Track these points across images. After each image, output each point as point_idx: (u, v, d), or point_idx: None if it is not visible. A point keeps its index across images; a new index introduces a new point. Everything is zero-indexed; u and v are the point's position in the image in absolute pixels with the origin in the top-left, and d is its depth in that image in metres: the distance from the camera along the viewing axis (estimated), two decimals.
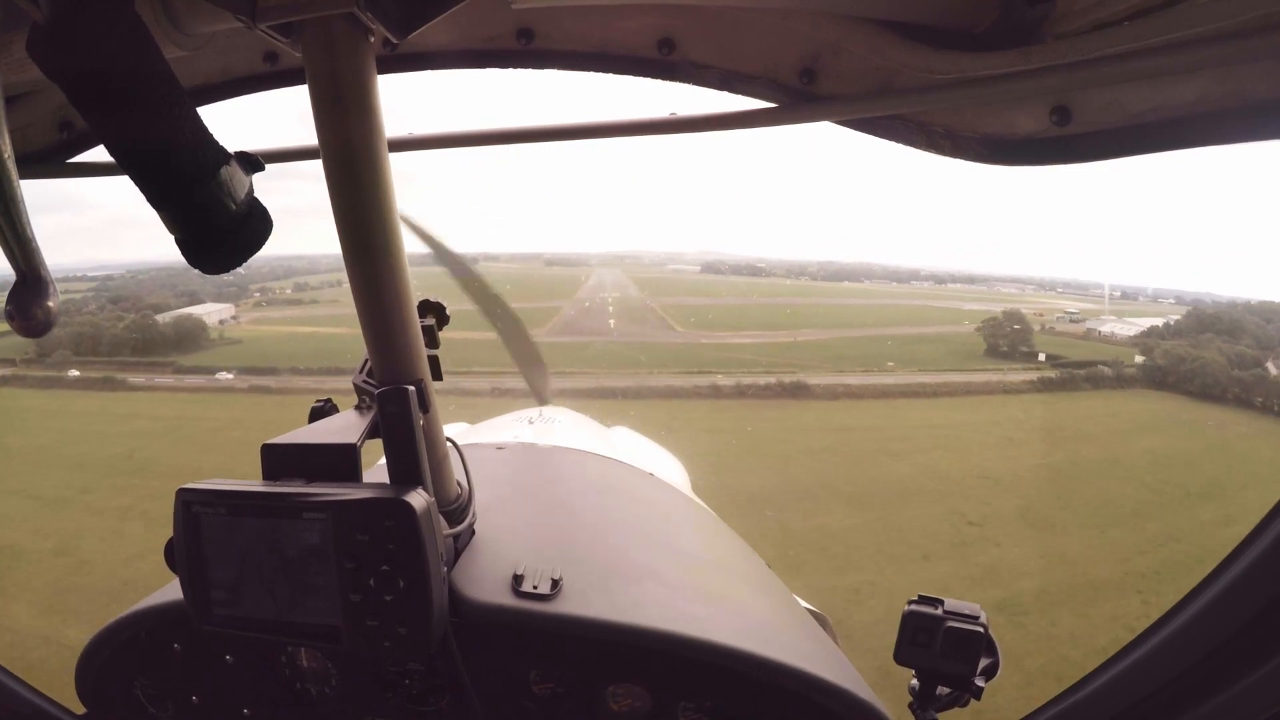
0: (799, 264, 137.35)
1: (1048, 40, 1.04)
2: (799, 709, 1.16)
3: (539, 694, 1.23)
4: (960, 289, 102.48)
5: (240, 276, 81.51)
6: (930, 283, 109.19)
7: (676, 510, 1.96)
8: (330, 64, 0.86)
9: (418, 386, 1.08)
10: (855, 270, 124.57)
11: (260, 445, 1.11)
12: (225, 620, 1.09)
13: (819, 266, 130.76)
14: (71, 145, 1.61)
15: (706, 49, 1.33)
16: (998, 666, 1.20)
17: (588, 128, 1.54)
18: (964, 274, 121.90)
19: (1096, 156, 1.13)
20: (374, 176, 0.93)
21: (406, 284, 1.04)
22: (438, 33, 1.31)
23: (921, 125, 1.27)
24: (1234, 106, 0.96)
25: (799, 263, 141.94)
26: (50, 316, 0.71)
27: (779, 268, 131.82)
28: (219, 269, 0.79)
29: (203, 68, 1.49)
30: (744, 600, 1.43)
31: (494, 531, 1.39)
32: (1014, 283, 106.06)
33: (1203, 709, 0.92)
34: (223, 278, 68.25)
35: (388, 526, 1.00)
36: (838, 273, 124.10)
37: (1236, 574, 0.92)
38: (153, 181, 0.74)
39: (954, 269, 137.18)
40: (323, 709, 1.32)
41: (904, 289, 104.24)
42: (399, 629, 1.02)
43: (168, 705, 1.42)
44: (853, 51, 1.23)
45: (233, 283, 78.92)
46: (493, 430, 2.96)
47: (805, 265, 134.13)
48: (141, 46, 0.69)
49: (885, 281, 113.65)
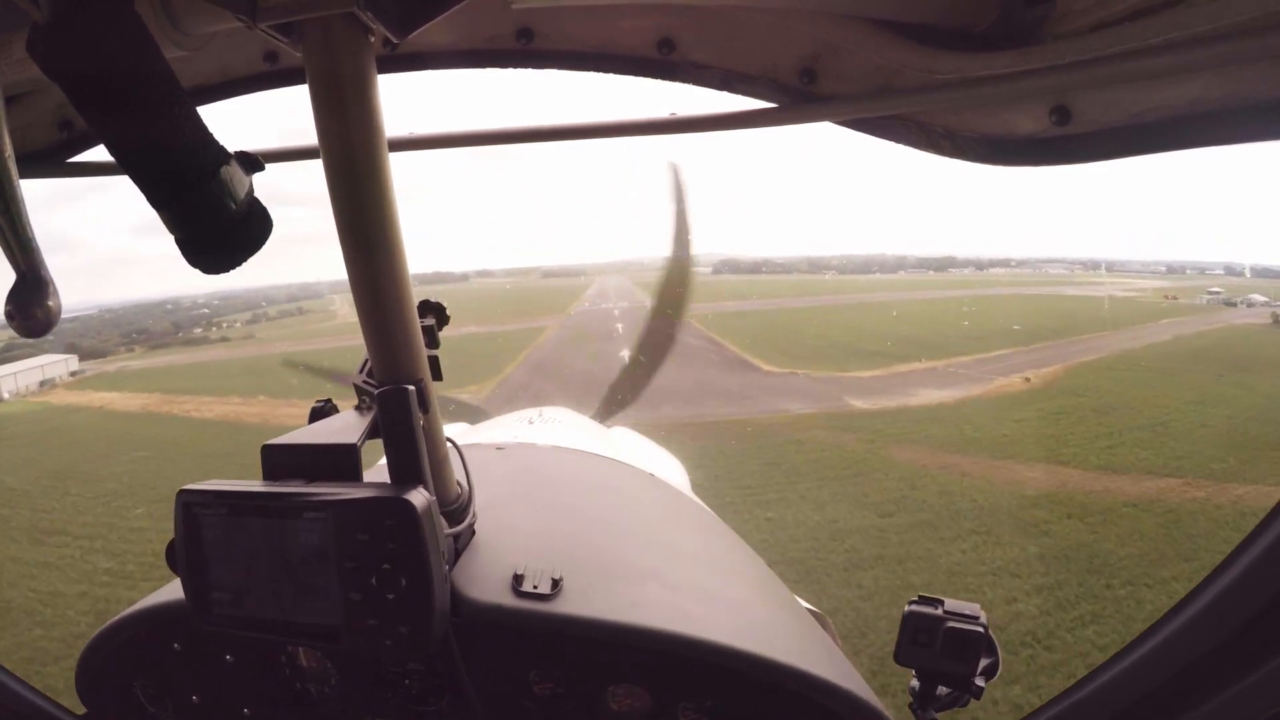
0: (819, 259, 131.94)
1: (1048, 40, 1.04)
2: (799, 709, 1.16)
3: (539, 694, 1.23)
4: (1011, 273, 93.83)
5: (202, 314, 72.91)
6: (970, 269, 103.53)
7: (676, 510, 1.97)
8: (330, 64, 0.86)
9: (418, 386, 1.08)
10: (886, 261, 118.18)
11: (260, 446, 1.10)
12: (226, 620, 1.09)
13: (841, 259, 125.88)
14: (71, 145, 1.61)
15: (706, 49, 1.33)
16: (998, 666, 1.20)
17: (588, 128, 1.54)
18: (999, 259, 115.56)
19: (1096, 157, 1.13)
20: (374, 176, 0.93)
21: (407, 284, 1.04)
22: (438, 33, 1.32)
23: (921, 125, 1.27)
24: (1234, 106, 0.96)
25: (819, 257, 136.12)
26: (50, 316, 0.71)
27: (799, 263, 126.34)
28: (219, 269, 0.80)
29: (203, 68, 1.49)
30: (744, 600, 1.43)
31: (494, 531, 1.39)
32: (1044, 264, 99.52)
33: (1203, 709, 0.92)
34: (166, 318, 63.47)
35: (389, 525, 1.00)
36: (865, 264, 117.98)
37: (1236, 574, 0.92)
38: (153, 181, 0.74)
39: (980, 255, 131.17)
40: (323, 709, 1.32)
41: (948, 278, 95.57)
42: (400, 628, 1.02)
43: (168, 705, 1.42)
44: (853, 51, 1.23)
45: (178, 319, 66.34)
46: (493, 430, 2.96)
47: (826, 259, 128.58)
48: (141, 46, 0.69)
49: (921, 271, 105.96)
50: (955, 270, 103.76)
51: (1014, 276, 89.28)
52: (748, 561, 1.74)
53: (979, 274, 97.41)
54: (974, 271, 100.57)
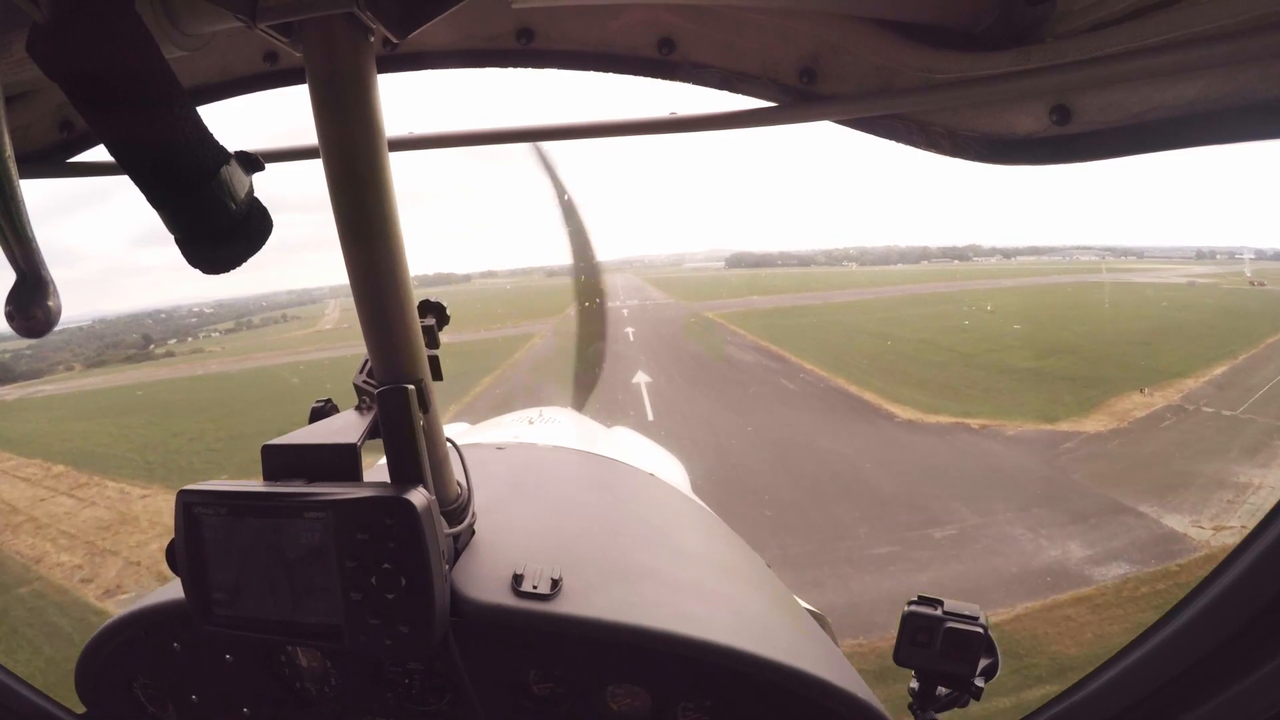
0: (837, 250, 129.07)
1: (1048, 40, 1.04)
2: (799, 709, 1.16)
3: (539, 694, 1.23)
4: (1037, 261, 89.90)
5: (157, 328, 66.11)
6: (998, 257, 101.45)
7: (676, 510, 1.96)
8: (330, 64, 0.86)
9: (418, 386, 1.08)
10: (906, 252, 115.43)
11: (260, 446, 1.10)
12: (226, 620, 1.09)
13: (858, 252, 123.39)
14: (71, 145, 1.61)
15: (706, 49, 1.33)
16: (997, 667, 1.20)
17: (588, 127, 1.54)
18: (1025, 247, 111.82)
19: (1096, 156, 1.13)
20: (374, 176, 0.93)
21: (407, 284, 1.04)
22: (438, 32, 1.32)
23: (921, 125, 1.27)
24: (1234, 106, 0.95)
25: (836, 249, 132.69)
26: (51, 316, 0.71)
27: (816, 256, 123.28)
28: (219, 269, 0.80)
29: (203, 68, 1.49)
30: (744, 600, 1.43)
31: (494, 531, 1.39)
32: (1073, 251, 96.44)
33: (1203, 709, 0.92)
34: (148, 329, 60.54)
35: (389, 525, 1.01)
36: (884, 256, 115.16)
37: (1236, 574, 0.92)
38: (153, 181, 0.74)
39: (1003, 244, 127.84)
40: (322, 708, 1.32)
41: (975, 267, 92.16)
42: (400, 628, 1.02)
43: (167, 705, 1.42)
44: (853, 51, 1.23)
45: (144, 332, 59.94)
46: (493, 430, 2.96)
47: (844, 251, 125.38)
48: (141, 46, 0.69)
49: (945, 260, 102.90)
50: (980, 259, 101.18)
51: (1052, 265, 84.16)
52: (748, 561, 1.74)
53: (1006, 262, 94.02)
54: (1002, 260, 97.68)
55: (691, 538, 1.75)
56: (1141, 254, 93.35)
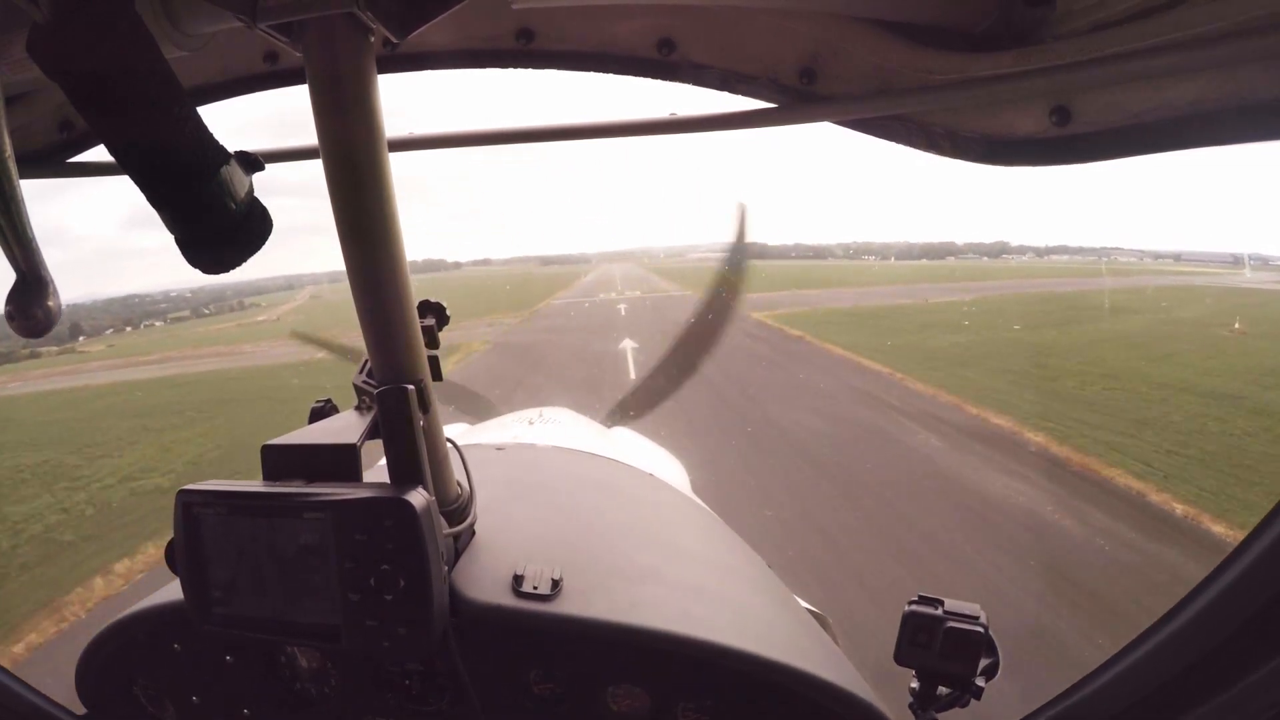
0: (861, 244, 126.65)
1: (1047, 40, 1.04)
2: (799, 709, 1.16)
3: (539, 694, 1.23)
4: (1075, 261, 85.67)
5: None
6: (1030, 255, 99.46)
7: (677, 510, 1.96)
8: (330, 64, 0.86)
9: (418, 386, 1.08)
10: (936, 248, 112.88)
11: (260, 446, 1.10)
12: (226, 620, 1.09)
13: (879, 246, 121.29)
14: (71, 145, 1.61)
15: (706, 49, 1.33)
16: (998, 667, 1.20)
17: (588, 128, 1.54)
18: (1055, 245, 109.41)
19: (1096, 157, 1.13)
20: (374, 176, 0.93)
21: (407, 284, 1.04)
22: (438, 33, 1.32)
23: (921, 125, 1.27)
24: (1234, 106, 0.95)
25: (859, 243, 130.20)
26: (51, 316, 0.71)
27: (833, 249, 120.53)
28: (219, 269, 0.80)
29: (203, 68, 1.49)
30: (744, 600, 1.43)
31: (494, 531, 1.39)
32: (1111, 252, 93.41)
33: (1203, 709, 0.92)
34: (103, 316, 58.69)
35: (388, 526, 1.00)
36: (905, 251, 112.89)
37: (1236, 574, 0.92)
38: (153, 181, 0.74)
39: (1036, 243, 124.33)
40: (322, 709, 1.32)
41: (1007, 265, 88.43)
42: (399, 628, 1.02)
43: (167, 705, 1.42)
44: (852, 51, 1.23)
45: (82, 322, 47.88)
46: (493, 430, 2.96)
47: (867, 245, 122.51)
48: (141, 46, 0.69)
49: (974, 256, 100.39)
50: (1008, 256, 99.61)
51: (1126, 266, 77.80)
52: (748, 561, 1.74)
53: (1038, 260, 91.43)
54: (1033, 258, 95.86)
55: (692, 538, 1.75)
56: (1178, 257, 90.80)
